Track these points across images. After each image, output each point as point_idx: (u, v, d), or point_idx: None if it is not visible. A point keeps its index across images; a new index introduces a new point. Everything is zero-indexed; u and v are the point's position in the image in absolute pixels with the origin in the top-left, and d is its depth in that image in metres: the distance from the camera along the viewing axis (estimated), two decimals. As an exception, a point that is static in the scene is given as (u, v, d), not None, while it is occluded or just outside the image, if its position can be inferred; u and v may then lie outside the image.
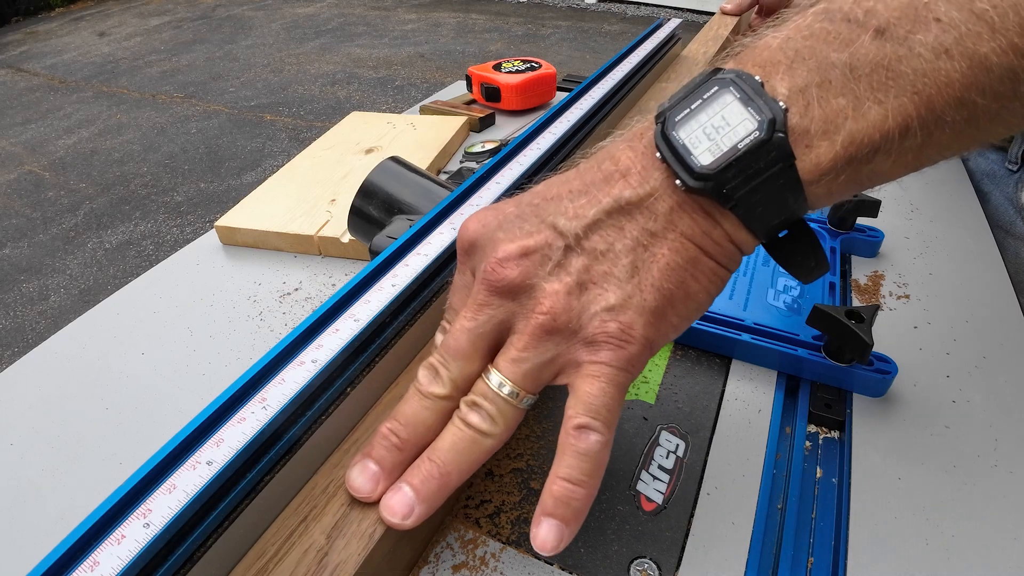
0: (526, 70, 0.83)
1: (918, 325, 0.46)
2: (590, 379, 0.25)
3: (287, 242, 0.58)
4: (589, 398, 0.25)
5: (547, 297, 0.25)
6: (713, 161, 0.23)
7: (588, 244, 0.25)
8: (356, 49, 4.23)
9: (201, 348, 0.47)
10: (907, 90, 0.21)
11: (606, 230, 0.25)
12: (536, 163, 0.48)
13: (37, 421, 0.42)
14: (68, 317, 2.01)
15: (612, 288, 0.25)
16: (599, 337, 0.25)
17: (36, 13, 5.54)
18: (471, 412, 0.26)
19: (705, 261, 0.25)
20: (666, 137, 0.24)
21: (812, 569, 0.31)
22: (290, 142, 3.08)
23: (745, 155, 0.23)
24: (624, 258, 0.25)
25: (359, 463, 0.28)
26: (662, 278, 0.25)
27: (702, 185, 0.23)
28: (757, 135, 0.22)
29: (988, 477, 0.35)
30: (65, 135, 3.34)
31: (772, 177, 0.23)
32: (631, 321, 0.25)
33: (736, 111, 0.23)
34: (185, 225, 2.53)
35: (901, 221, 0.57)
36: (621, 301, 0.25)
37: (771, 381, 0.41)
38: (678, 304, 0.25)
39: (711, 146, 0.23)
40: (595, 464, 0.25)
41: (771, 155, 0.22)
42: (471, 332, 0.27)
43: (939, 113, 0.21)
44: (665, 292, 0.25)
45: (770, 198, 0.23)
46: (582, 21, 4.46)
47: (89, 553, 0.22)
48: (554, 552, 0.25)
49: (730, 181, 0.23)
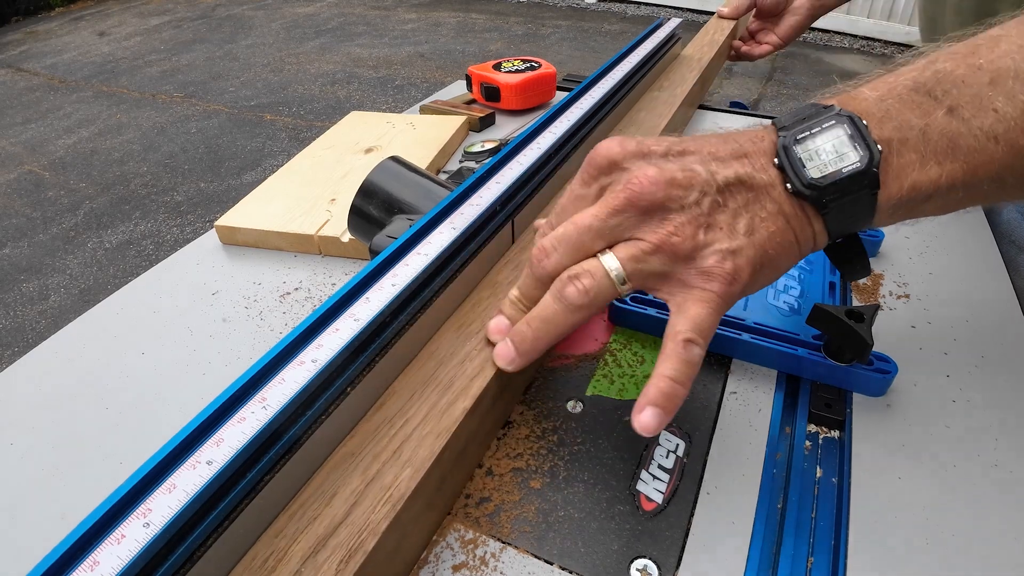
0: (526, 70, 0.83)
1: (918, 325, 0.46)
2: (700, 303, 0.30)
3: (287, 241, 0.58)
4: (698, 319, 0.30)
5: (680, 225, 0.30)
6: (821, 177, 0.29)
7: (720, 197, 0.30)
8: (356, 49, 4.22)
9: (201, 348, 0.47)
10: (960, 159, 0.28)
11: (734, 194, 0.30)
12: (536, 163, 0.48)
13: (37, 421, 0.42)
14: (68, 317, 2.00)
15: (731, 236, 0.30)
16: (715, 270, 0.30)
17: (36, 13, 5.53)
18: (569, 284, 0.31)
19: (794, 245, 0.31)
20: (787, 151, 0.30)
21: (812, 569, 0.31)
22: (290, 142, 3.08)
23: (846, 179, 0.29)
24: (743, 218, 0.30)
25: (497, 316, 0.36)
26: (767, 244, 0.30)
27: (808, 193, 0.29)
28: (858, 166, 0.28)
29: (988, 477, 0.35)
30: (65, 135, 3.34)
31: (859, 199, 0.29)
32: (741, 266, 0.30)
33: (844, 143, 0.29)
34: (185, 225, 2.53)
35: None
36: (736, 248, 0.30)
37: (771, 381, 0.41)
38: (768, 268, 0.31)
39: (820, 165, 0.29)
40: (694, 370, 0.30)
41: (864, 183, 0.29)
42: (591, 230, 0.31)
43: (979, 181, 0.28)
44: (766, 255, 0.30)
45: (853, 214, 0.30)
46: (582, 20, 4.46)
47: (89, 553, 0.22)
48: (654, 433, 0.30)
49: (829, 194, 0.29)
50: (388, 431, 0.32)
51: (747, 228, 0.30)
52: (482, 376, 0.35)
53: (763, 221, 0.30)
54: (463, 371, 0.35)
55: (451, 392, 0.34)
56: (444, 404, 0.33)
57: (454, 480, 0.34)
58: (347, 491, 0.29)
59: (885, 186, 0.29)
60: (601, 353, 0.44)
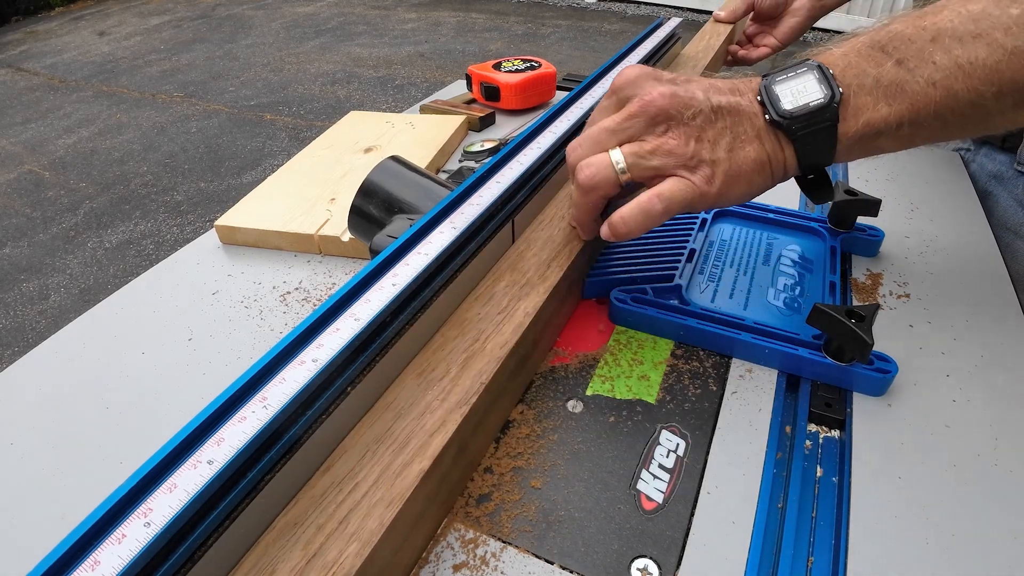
0: (526, 69, 0.83)
1: (918, 325, 0.46)
2: (677, 181, 0.38)
3: (287, 241, 0.58)
4: (671, 190, 0.38)
5: (676, 134, 0.38)
6: (793, 108, 0.36)
7: (712, 116, 0.38)
8: (356, 48, 4.22)
9: (201, 348, 0.47)
10: (906, 101, 0.35)
11: (723, 116, 0.38)
12: (536, 162, 0.48)
13: (37, 421, 0.42)
14: (68, 317, 2.00)
15: (714, 150, 0.37)
16: (697, 169, 0.38)
17: (36, 12, 5.53)
18: (580, 171, 0.40)
19: (766, 169, 0.38)
20: (767, 89, 0.37)
21: (812, 569, 0.31)
22: (290, 141, 3.08)
23: (812, 111, 0.36)
24: (726, 137, 0.37)
25: None
26: (743, 162, 0.37)
27: (782, 121, 0.36)
28: (822, 101, 0.36)
29: (988, 477, 0.35)
30: (65, 134, 3.34)
31: (822, 130, 0.36)
32: (717, 174, 0.37)
33: (813, 84, 0.36)
34: (185, 224, 2.53)
35: (901, 220, 0.57)
36: (716, 159, 0.37)
37: (771, 380, 0.41)
38: (741, 182, 0.38)
39: (792, 100, 0.36)
40: (646, 222, 0.38)
41: (826, 115, 0.36)
42: (608, 130, 0.39)
43: (922, 119, 0.35)
44: (741, 171, 0.38)
45: (816, 143, 0.37)
46: (582, 20, 4.46)
47: (90, 552, 0.22)
48: (590, 238, 0.44)
49: (798, 123, 0.36)
50: (336, 497, 0.29)
51: (728, 146, 0.37)
52: (442, 432, 0.32)
53: (742, 142, 0.37)
54: (422, 426, 0.32)
55: (407, 452, 0.31)
56: (398, 466, 0.30)
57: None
58: (286, 569, 0.26)
59: (844, 121, 0.36)
60: (601, 353, 0.44)
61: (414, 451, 0.31)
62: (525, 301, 0.40)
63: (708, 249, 0.52)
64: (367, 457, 0.31)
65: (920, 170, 0.66)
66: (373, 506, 0.28)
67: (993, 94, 0.34)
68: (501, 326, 0.38)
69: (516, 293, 0.41)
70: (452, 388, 0.34)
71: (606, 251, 0.51)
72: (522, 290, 0.41)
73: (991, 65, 0.33)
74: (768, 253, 0.52)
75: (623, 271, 0.48)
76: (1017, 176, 0.65)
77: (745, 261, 0.51)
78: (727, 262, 0.51)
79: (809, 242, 0.53)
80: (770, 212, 0.55)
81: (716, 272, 0.50)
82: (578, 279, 0.47)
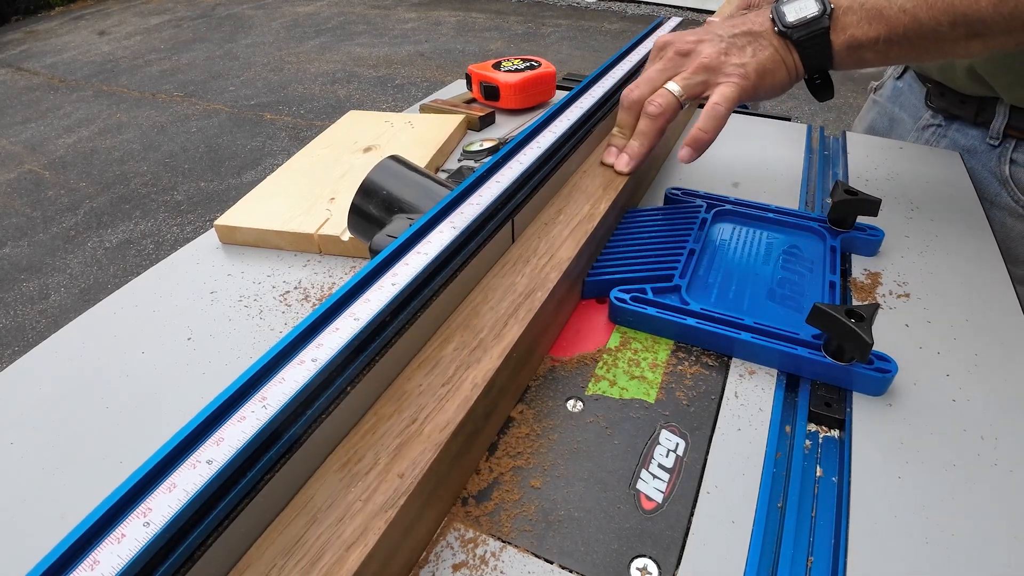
0: (526, 69, 0.83)
1: (918, 324, 0.46)
2: (725, 85, 0.50)
3: (287, 240, 0.58)
4: (723, 92, 0.50)
5: (708, 54, 0.51)
6: (795, 19, 0.49)
7: (731, 40, 0.52)
8: (356, 48, 4.22)
9: (201, 347, 0.47)
10: (883, 24, 0.47)
11: (740, 38, 0.52)
12: (536, 162, 0.48)
13: (37, 421, 0.42)
14: (68, 316, 2.00)
15: (741, 55, 0.51)
16: (733, 72, 0.51)
17: (36, 12, 5.53)
18: (649, 105, 0.52)
19: (782, 66, 0.51)
20: (777, 8, 0.50)
21: (812, 568, 0.31)
22: (290, 141, 3.08)
23: (809, 21, 0.49)
24: (748, 48, 0.51)
25: (607, 149, 0.56)
26: (765, 61, 0.51)
27: (786, 31, 0.50)
28: (816, 13, 0.49)
29: (988, 476, 0.35)
30: (65, 134, 3.34)
31: (818, 36, 0.49)
32: (749, 71, 0.50)
33: (811, 2, 0.49)
34: (185, 224, 2.53)
35: (901, 220, 0.57)
36: (745, 62, 0.51)
37: (771, 380, 0.41)
38: (768, 77, 0.51)
39: (795, 14, 0.49)
40: (717, 123, 0.50)
41: (819, 24, 0.49)
42: (659, 70, 0.53)
43: (895, 38, 0.47)
44: (765, 68, 0.51)
45: (815, 48, 0.50)
46: (582, 20, 4.46)
47: (89, 552, 0.22)
48: (688, 162, 0.52)
49: (798, 31, 0.49)
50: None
51: (752, 52, 0.51)
52: (360, 547, 0.27)
53: (762, 49, 0.51)
54: (339, 535, 0.27)
55: (318, 569, 0.26)
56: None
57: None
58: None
59: (835, 33, 0.49)
60: (601, 353, 0.44)
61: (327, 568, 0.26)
62: (475, 369, 0.36)
63: (708, 249, 0.52)
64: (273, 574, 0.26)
65: (920, 170, 0.66)
66: None
67: (948, 23, 0.45)
68: (444, 402, 0.34)
69: (465, 359, 0.36)
70: (378, 486, 0.29)
71: (606, 251, 0.51)
72: (472, 355, 0.37)
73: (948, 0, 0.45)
74: (768, 253, 0.52)
75: (623, 271, 0.48)
76: (990, 150, 0.68)
77: (745, 261, 0.51)
78: (727, 262, 0.51)
79: (809, 241, 0.53)
80: (770, 212, 0.55)
81: (716, 272, 0.50)
82: (578, 279, 0.47)
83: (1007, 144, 0.67)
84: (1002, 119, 0.66)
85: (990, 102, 0.67)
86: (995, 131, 0.67)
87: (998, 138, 0.67)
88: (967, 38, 0.46)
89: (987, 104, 0.67)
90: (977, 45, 0.47)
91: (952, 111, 0.72)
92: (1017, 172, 0.66)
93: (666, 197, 0.58)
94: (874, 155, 0.68)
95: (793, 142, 0.72)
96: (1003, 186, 0.67)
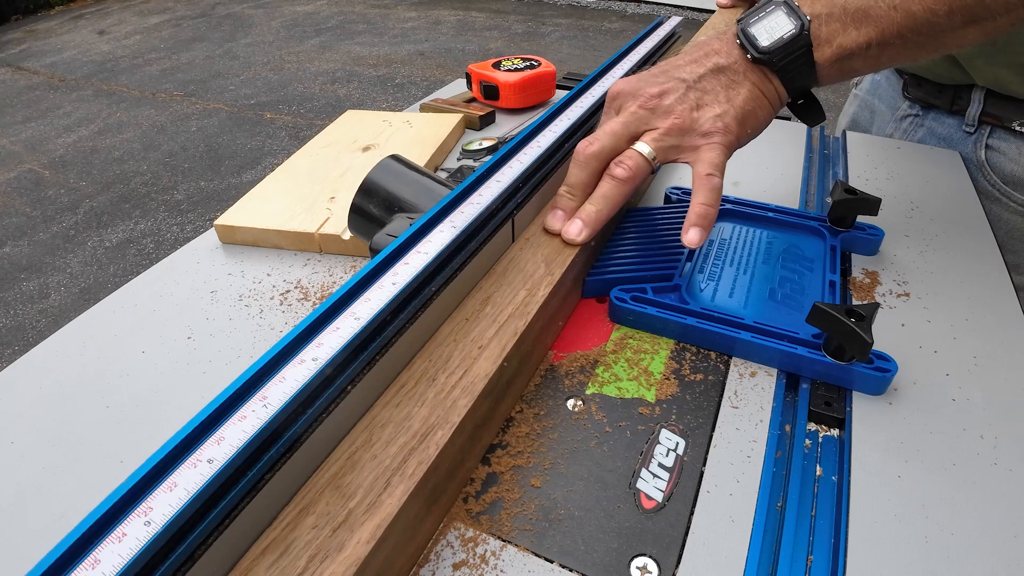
0: (526, 68, 0.83)
1: (918, 324, 0.46)
2: (708, 150, 0.44)
3: (287, 240, 0.58)
4: (710, 159, 0.43)
5: (678, 112, 0.44)
6: (769, 44, 0.43)
7: (699, 85, 0.44)
8: (356, 47, 4.22)
9: (201, 347, 0.47)
10: (872, 26, 0.41)
11: (709, 79, 0.44)
12: (536, 161, 0.48)
13: (37, 420, 0.42)
14: (68, 316, 2.00)
15: (716, 105, 0.44)
16: (712, 129, 0.44)
17: (36, 11, 5.52)
18: (616, 167, 0.44)
19: (763, 100, 0.45)
20: (744, 32, 0.44)
21: (812, 567, 0.31)
22: (290, 140, 3.08)
23: (787, 42, 0.42)
24: (721, 93, 0.44)
25: (551, 213, 0.46)
26: (743, 103, 0.44)
27: (763, 57, 0.43)
28: (794, 32, 0.42)
29: (988, 476, 0.35)
30: (65, 133, 3.34)
31: (799, 57, 0.43)
32: (729, 122, 0.44)
33: (783, 19, 0.43)
34: (185, 223, 2.53)
35: (901, 219, 0.57)
36: (722, 112, 0.44)
37: (771, 379, 0.41)
38: (750, 119, 0.45)
39: (768, 36, 0.43)
40: (717, 195, 0.43)
41: (800, 43, 0.42)
42: (624, 125, 0.45)
43: (887, 39, 0.42)
44: (745, 111, 0.44)
45: (797, 70, 0.43)
46: (582, 19, 4.46)
47: (90, 551, 0.22)
48: (698, 245, 0.43)
49: (777, 55, 0.43)
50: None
51: (726, 97, 0.44)
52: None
53: (736, 88, 0.44)
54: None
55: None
56: None
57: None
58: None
59: (819, 47, 0.42)
60: (601, 352, 0.44)
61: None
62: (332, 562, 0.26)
63: (708, 248, 0.52)
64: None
65: (920, 170, 0.66)
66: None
67: (945, 12, 0.41)
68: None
69: (324, 542, 0.27)
70: None
71: (606, 251, 0.51)
72: (333, 537, 0.27)
73: None
74: (768, 252, 0.52)
75: (623, 270, 0.48)
76: (966, 137, 0.70)
77: (745, 260, 0.51)
78: (727, 261, 0.51)
79: (809, 241, 0.53)
80: (770, 211, 0.55)
81: (716, 271, 0.50)
82: (578, 278, 0.47)
83: (982, 130, 0.68)
84: (977, 105, 0.68)
85: (965, 90, 0.68)
86: (971, 118, 0.69)
87: (974, 125, 0.69)
88: (964, 25, 0.42)
89: (962, 92, 0.69)
90: (974, 32, 0.42)
91: (929, 100, 0.73)
92: (993, 157, 0.68)
93: (666, 197, 0.58)
94: (874, 155, 0.69)
95: (793, 142, 0.72)
96: (979, 171, 0.69)
